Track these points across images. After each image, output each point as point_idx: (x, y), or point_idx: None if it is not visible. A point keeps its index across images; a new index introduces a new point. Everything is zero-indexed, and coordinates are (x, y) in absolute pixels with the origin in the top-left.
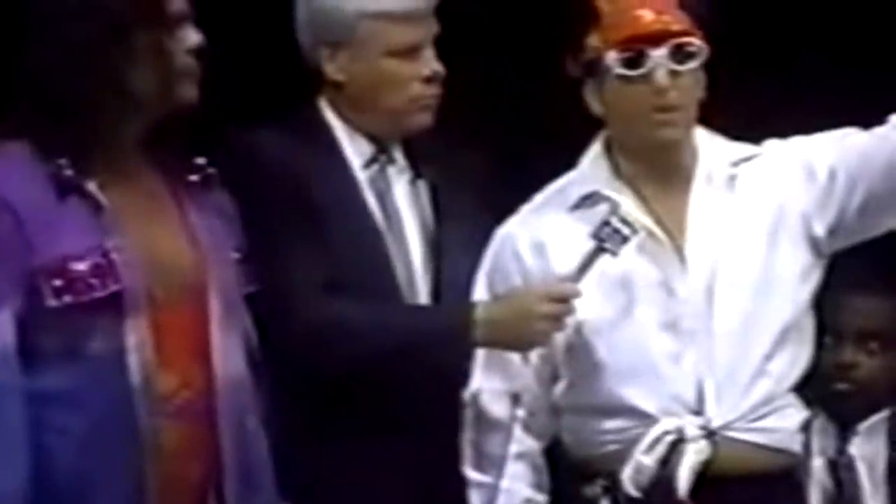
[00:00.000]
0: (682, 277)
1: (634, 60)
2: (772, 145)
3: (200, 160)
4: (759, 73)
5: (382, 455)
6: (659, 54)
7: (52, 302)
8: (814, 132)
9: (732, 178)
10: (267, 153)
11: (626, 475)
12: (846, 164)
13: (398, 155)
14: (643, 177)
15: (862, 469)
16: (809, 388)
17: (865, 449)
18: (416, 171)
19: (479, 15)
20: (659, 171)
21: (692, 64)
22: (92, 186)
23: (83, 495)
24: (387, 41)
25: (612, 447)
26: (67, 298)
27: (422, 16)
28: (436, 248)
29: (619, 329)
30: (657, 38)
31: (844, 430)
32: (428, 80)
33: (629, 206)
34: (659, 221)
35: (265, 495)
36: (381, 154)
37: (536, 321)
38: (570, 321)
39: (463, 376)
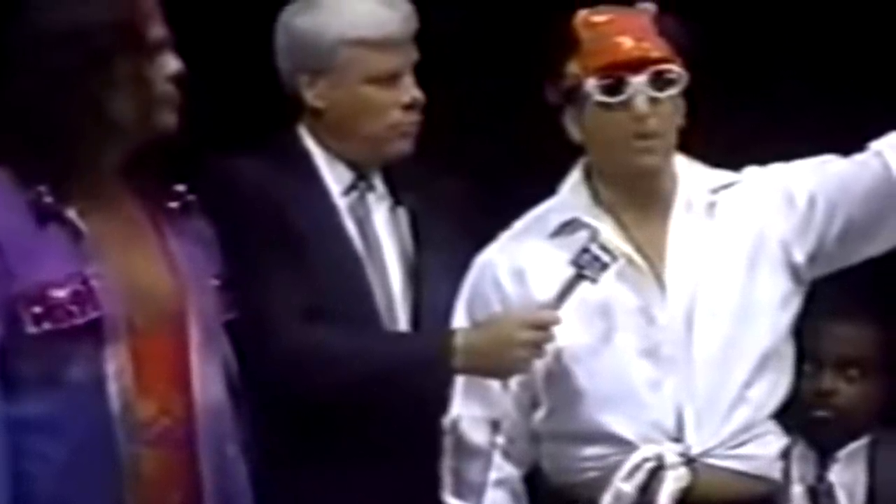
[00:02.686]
0: (661, 304)
1: (614, 87)
2: (751, 172)
3: (180, 187)
4: (739, 99)
5: (362, 482)
6: (638, 81)
7: (31, 329)
8: (793, 159)
9: (712, 205)
10: (246, 180)
11: (606, 502)
12: (826, 191)
13: (378, 182)
14: (623, 204)
15: (842, 496)
16: (789, 415)
17: (845, 476)
18: (396, 197)
19: (458, 41)
20: (639, 197)
21: (672, 91)
22: (71, 213)
23: None
24: (366, 68)
25: (591, 474)
26: (47, 325)
27: (401, 42)
28: (415, 275)
29: (598, 356)
30: (637, 65)
31: (824, 457)
32: (407, 107)
33: (609, 233)
34: (639, 248)
35: None
36: (360, 181)
37: (516, 348)
38: (549, 348)
39: (442, 403)
